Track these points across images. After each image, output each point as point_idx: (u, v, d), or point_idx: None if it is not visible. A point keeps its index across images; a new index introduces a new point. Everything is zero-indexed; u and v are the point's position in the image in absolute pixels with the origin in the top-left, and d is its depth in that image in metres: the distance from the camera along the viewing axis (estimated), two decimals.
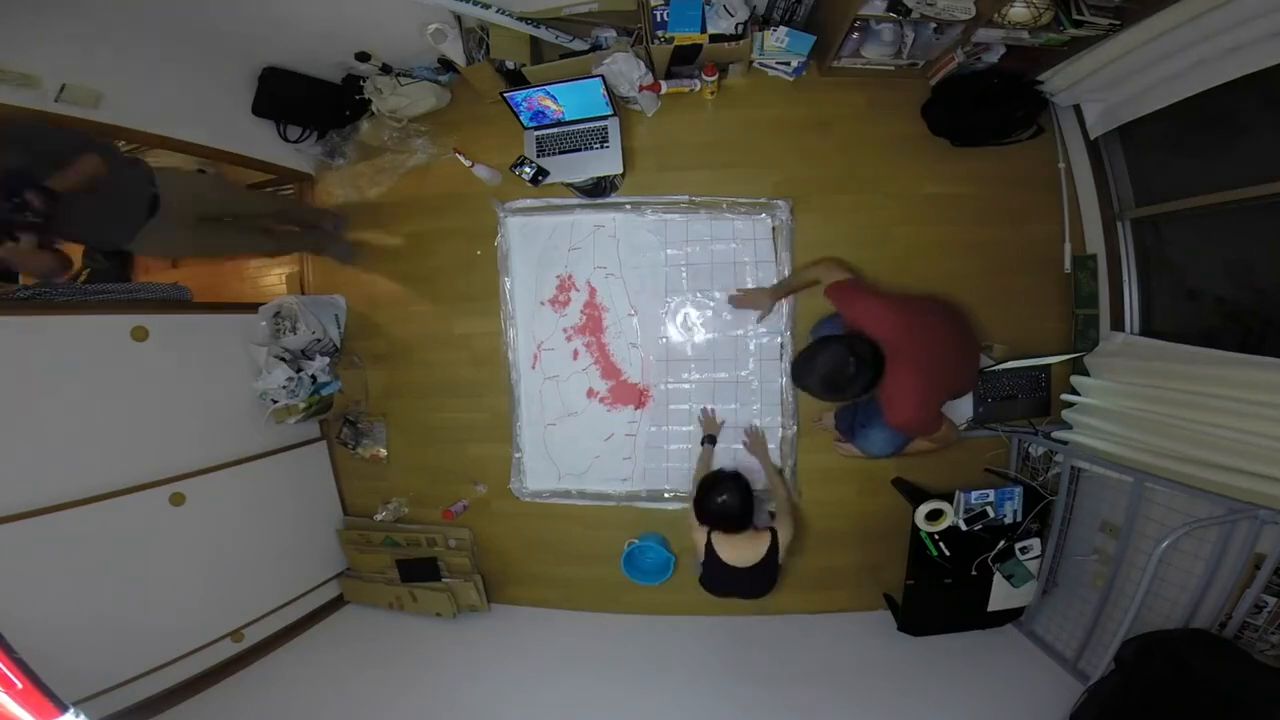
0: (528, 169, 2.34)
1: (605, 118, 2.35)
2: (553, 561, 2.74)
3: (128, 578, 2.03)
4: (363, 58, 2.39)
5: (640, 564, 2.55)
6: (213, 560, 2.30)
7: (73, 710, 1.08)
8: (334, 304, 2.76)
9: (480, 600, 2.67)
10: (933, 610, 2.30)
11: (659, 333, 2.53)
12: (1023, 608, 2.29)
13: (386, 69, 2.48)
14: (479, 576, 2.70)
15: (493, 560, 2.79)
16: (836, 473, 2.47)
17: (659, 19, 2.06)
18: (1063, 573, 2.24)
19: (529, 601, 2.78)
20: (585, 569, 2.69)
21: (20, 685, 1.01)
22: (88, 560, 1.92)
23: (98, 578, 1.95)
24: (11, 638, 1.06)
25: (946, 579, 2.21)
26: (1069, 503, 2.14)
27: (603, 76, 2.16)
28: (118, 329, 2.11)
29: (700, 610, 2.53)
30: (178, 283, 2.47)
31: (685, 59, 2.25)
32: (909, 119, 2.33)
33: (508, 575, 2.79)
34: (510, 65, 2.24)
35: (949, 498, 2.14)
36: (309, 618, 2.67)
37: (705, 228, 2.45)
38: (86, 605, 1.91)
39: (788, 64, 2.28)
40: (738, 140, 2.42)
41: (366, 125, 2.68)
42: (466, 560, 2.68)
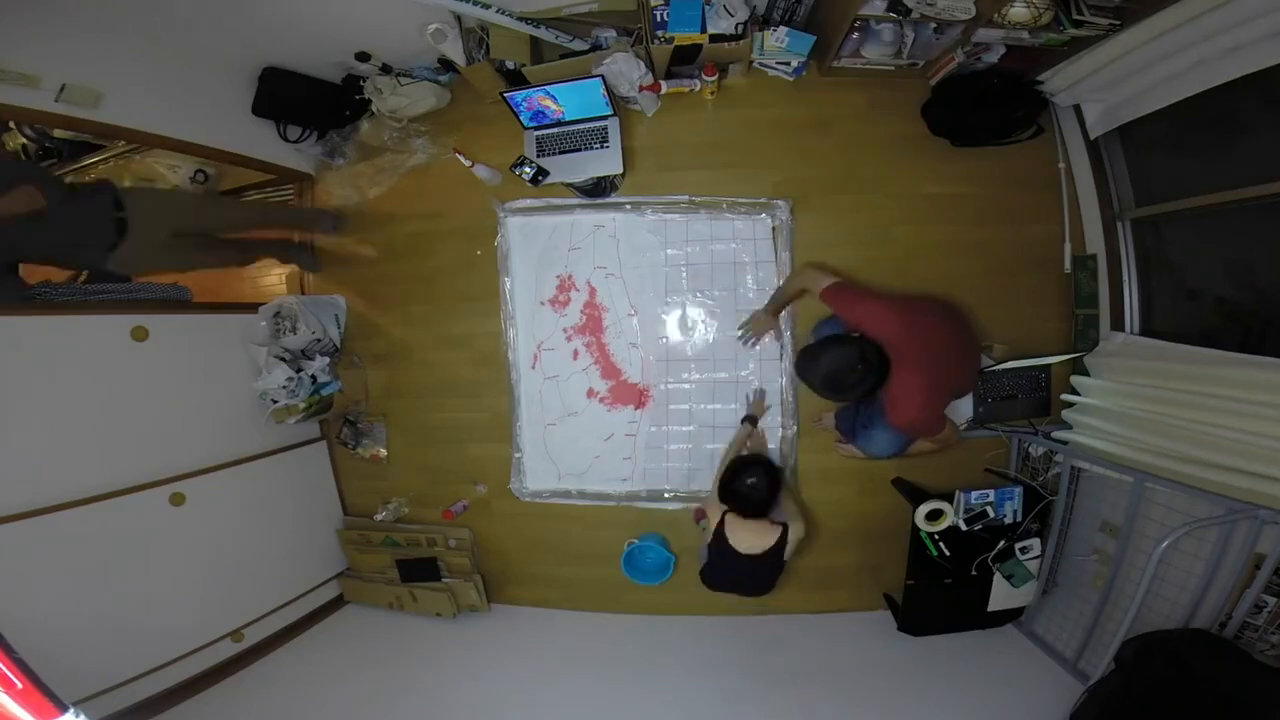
0: (528, 169, 2.34)
1: (605, 118, 2.35)
2: (553, 561, 2.74)
3: (128, 578, 2.03)
4: (363, 58, 2.39)
5: (640, 564, 2.55)
6: (213, 560, 2.30)
7: (73, 710, 1.08)
8: (334, 304, 2.76)
9: (480, 600, 2.67)
10: (933, 610, 2.30)
11: (659, 333, 2.53)
12: (1023, 608, 2.29)
13: (386, 69, 2.48)
14: (479, 576, 2.70)
15: (493, 560, 2.79)
16: (836, 473, 2.47)
17: (659, 19, 2.06)
18: (1063, 573, 2.24)
19: (529, 601, 2.78)
20: (585, 569, 2.69)
21: (20, 685, 1.01)
22: (88, 560, 1.92)
23: (98, 578, 1.95)
24: (11, 638, 1.05)
25: (946, 579, 2.21)
26: (1069, 503, 2.14)
27: (603, 76, 2.16)
28: (118, 329, 2.11)
29: (700, 610, 2.53)
30: (178, 283, 2.47)
31: (685, 59, 2.25)
32: (909, 119, 2.33)
33: (508, 575, 2.79)
34: (510, 65, 2.24)
35: (949, 498, 2.14)
36: (309, 618, 2.67)
37: (705, 228, 2.45)
38: (86, 605, 1.91)
39: (788, 64, 2.28)
40: (738, 140, 2.42)
41: (366, 125, 2.69)
42: (466, 560, 2.68)
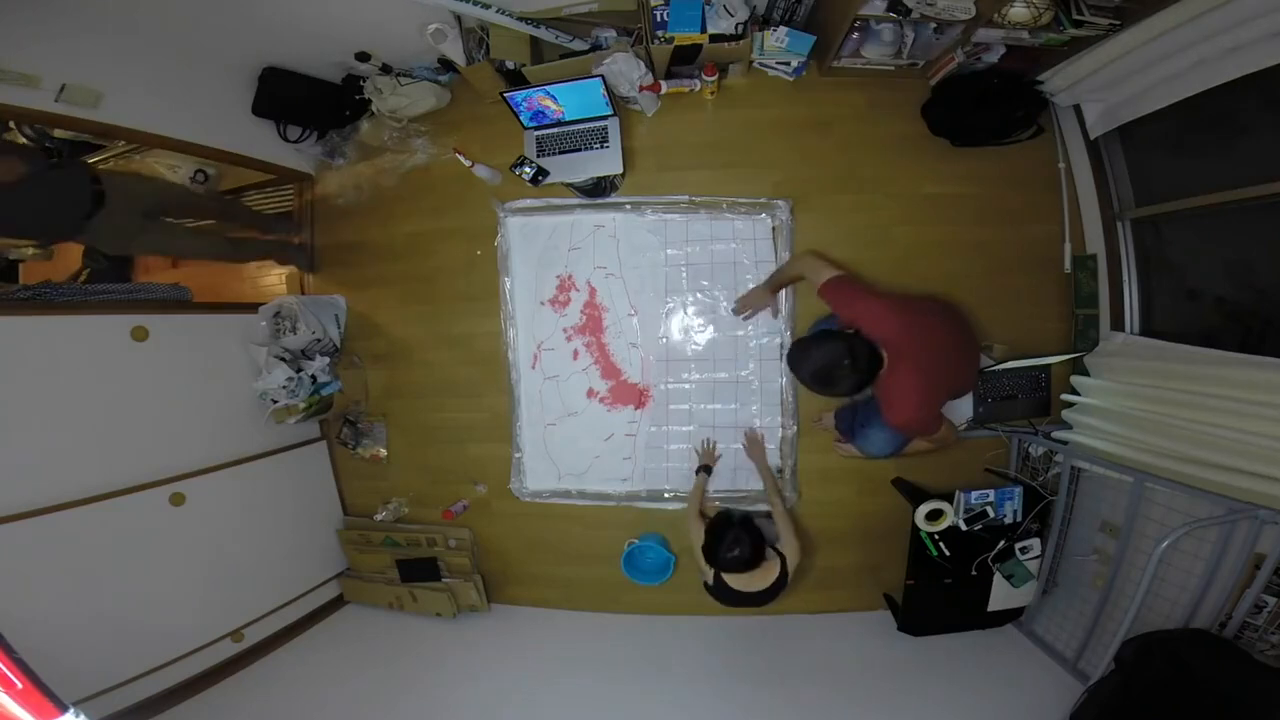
0: (528, 169, 2.34)
1: (605, 118, 2.35)
2: (553, 561, 2.74)
3: (128, 578, 2.03)
4: (363, 58, 2.39)
5: (640, 564, 2.55)
6: (213, 560, 2.30)
7: (73, 710, 1.08)
8: (334, 304, 2.76)
9: (480, 600, 2.67)
10: (933, 610, 2.30)
11: (659, 333, 2.53)
12: (1023, 608, 2.29)
13: (386, 69, 2.48)
14: (479, 576, 2.70)
15: (493, 560, 2.79)
16: (836, 473, 2.47)
17: (659, 19, 2.06)
18: (1063, 573, 2.24)
19: (529, 601, 2.78)
20: (585, 569, 2.69)
21: (20, 685, 1.01)
22: (88, 560, 1.92)
23: (98, 578, 1.95)
24: (11, 638, 1.05)
25: (946, 579, 2.21)
26: (1069, 503, 2.14)
27: (603, 76, 2.16)
28: (118, 329, 2.11)
29: (700, 610, 2.53)
30: (178, 283, 2.47)
31: (685, 59, 2.25)
32: (909, 119, 2.33)
33: (508, 575, 2.79)
34: (510, 65, 2.24)
35: (949, 498, 2.14)
36: (309, 618, 2.67)
37: (705, 228, 2.45)
38: (86, 605, 1.91)
39: (788, 64, 2.28)
40: (738, 140, 2.42)
41: (366, 125, 2.69)
42: (466, 560, 2.68)
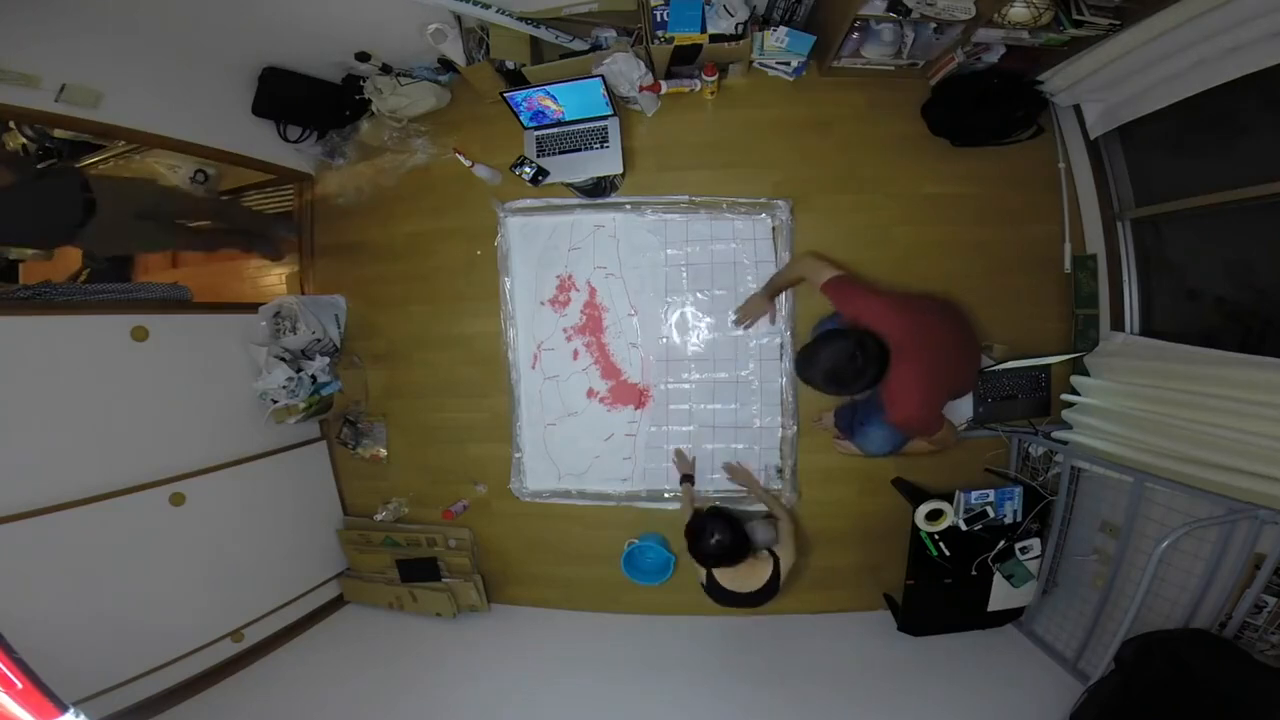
0: (528, 169, 2.34)
1: (605, 118, 2.35)
2: (553, 561, 2.74)
3: (128, 578, 2.03)
4: (363, 58, 2.39)
5: (640, 564, 2.55)
6: (213, 560, 2.30)
7: (73, 710, 1.08)
8: (334, 304, 2.76)
9: (480, 600, 2.67)
10: (933, 610, 2.30)
11: (659, 333, 2.53)
12: (1023, 608, 2.29)
13: (386, 69, 2.47)
14: (479, 576, 2.70)
15: (493, 560, 2.79)
16: (836, 473, 2.47)
17: (659, 19, 2.06)
18: (1063, 573, 2.24)
19: (529, 601, 2.78)
20: (585, 569, 2.68)
21: (20, 685, 1.01)
22: (88, 560, 1.92)
23: (98, 578, 1.95)
24: (11, 638, 1.05)
25: (946, 579, 2.21)
26: (1069, 503, 2.14)
27: (603, 76, 2.16)
28: (118, 329, 2.11)
29: (700, 610, 2.52)
30: (178, 283, 2.47)
31: (685, 59, 2.25)
32: (909, 119, 2.33)
33: (508, 575, 2.79)
34: (510, 65, 2.24)
35: (949, 498, 2.14)
36: (309, 618, 2.67)
37: (705, 228, 2.45)
38: (86, 605, 1.90)
39: (788, 64, 2.28)
40: (738, 140, 2.42)
41: (366, 125, 2.69)
42: (466, 560, 2.68)
